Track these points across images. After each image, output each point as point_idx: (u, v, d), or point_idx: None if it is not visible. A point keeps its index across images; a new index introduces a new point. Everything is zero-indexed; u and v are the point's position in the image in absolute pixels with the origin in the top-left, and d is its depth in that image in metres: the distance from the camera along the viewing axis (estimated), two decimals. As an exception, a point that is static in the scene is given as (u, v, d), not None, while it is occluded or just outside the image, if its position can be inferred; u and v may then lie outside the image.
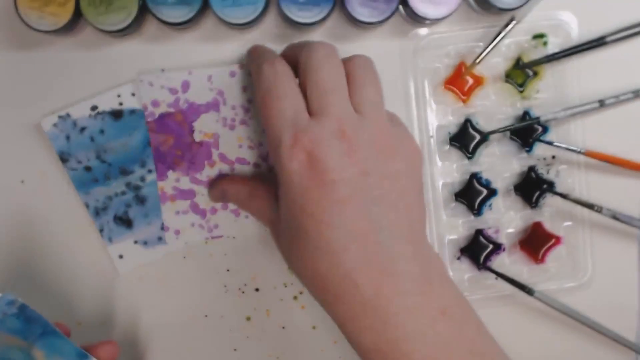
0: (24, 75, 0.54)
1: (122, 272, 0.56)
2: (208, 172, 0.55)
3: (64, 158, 0.54)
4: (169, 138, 0.54)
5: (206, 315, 0.57)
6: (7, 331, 0.42)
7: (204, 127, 0.54)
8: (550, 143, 0.54)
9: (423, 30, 0.55)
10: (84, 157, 0.54)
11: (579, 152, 0.54)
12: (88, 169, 0.54)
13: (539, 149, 0.56)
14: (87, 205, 0.55)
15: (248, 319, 0.57)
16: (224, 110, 0.54)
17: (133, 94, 0.54)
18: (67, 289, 0.56)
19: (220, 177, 0.54)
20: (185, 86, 0.53)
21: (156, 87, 0.53)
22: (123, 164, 0.54)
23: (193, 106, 0.54)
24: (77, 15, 0.51)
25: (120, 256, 0.56)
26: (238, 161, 0.55)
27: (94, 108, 0.54)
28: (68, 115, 0.53)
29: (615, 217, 0.54)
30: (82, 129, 0.54)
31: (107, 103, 0.54)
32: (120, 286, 0.56)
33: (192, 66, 0.54)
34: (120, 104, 0.54)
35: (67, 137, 0.54)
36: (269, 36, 0.55)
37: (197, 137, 0.54)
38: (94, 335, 0.56)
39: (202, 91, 0.54)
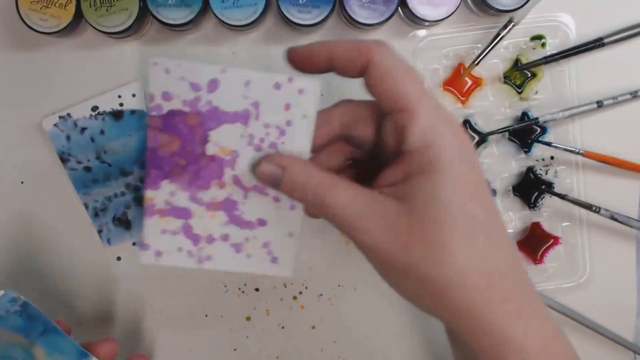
0: (25, 75, 0.55)
1: (119, 274, 0.56)
2: (214, 194, 0.43)
3: (64, 158, 0.54)
4: (174, 141, 0.43)
5: (206, 315, 0.57)
6: (9, 329, 0.42)
7: (222, 139, 0.43)
8: (548, 144, 0.55)
9: (422, 32, 0.56)
10: (84, 158, 0.54)
11: (578, 153, 0.54)
12: (88, 169, 0.55)
13: (538, 150, 0.56)
14: (86, 206, 0.55)
15: (248, 318, 0.57)
16: (254, 126, 0.42)
17: (134, 95, 0.54)
18: (67, 289, 0.56)
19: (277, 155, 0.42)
20: (213, 85, 0.42)
21: (173, 77, 0.41)
22: (123, 165, 0.55)
23: (216, 112, 0.42)
24: (78, 16, 0.51)
25: (118, 258, 0.56)
26: (255, 189, 0.43)
27: (94, 108, 0.54)
28: (69, 115, 0.54)
29: (613, 217, 0.54)
30: (83, 129, 0.54)
31: (108, 104, 0.54)
32: (121, 286, 0.57)
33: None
34: (121, 104, 0.54)
35: (68, 137, 0.54)
36: (269, 38, 0.55)
37: (210, 149, 0.43)
38: (94, 334, 0.55)
39: (234, 97, 0.42)
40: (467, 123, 0.56)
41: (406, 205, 0.36)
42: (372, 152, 0.42)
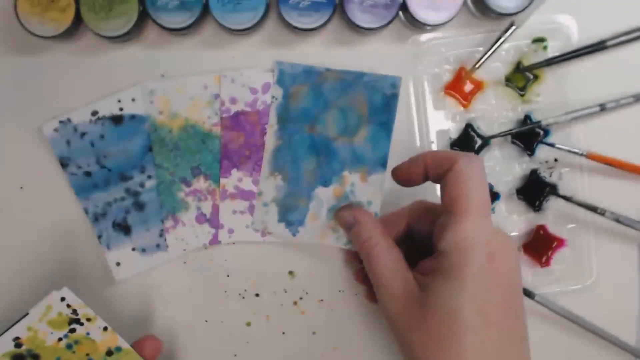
0: (24, 80, 0.55)
1: (119, 279, 0.56)
2: None
3: (64, 163, 0.55)
4: (240, 136, 0.55)
5: (206, 321, 0.57)
6: None
7: None
8: (552, 145, 0.55)
9: (423, 36, 0.56)
10: (84, 163, 0.55)
11: (581, 155, 0.55)
12: (88, 174, 0.55)
13: (541, 153, 0.57)
14: (86, 211, 0.55)
15: (248, 324, 0.57)
16: None
17: (133, 99, 0.55)
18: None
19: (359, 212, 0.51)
20: (266, 87, 0.55)
21: (237, 85, 0.54)
22: (123, 170, 0.55)
23: (269, 109, 0.55)
24: (78, 20, 0.52)
25: (118, 264, 0.56)
26: None
27: (94, 113, 0.54)
28: (69, 120, 0.54)
29: (618, 220, 0.54)
30: (83, 134, 0.54)
31: (108, 108, 0.55)
32: (121, 291, 0.57)
33: (192, 72, 0.55)
34: (121, 109, 0.55)
35: (68, 142, 0.54)
36: (269, 42, 0.55)
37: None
38: None
39: None
40: (469, 127, 0.56)
41: (425, 298, 0.42)
42: (426, 241, 0.47)
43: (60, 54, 0.55)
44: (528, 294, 0.55)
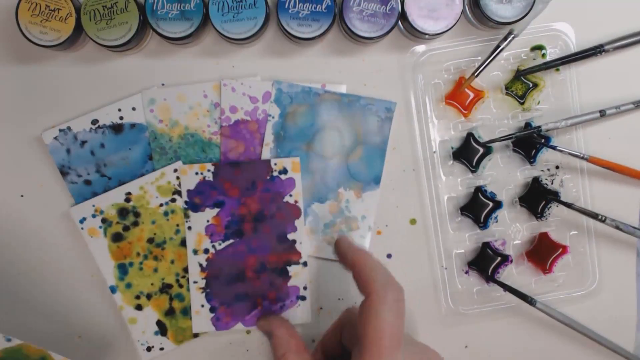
0: (25, 88, 0.56)
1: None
2: None
3: (64, 172, 0.55)
4: (239, 145, 0.55)
5: (206, 329, 0.57)
6: None
7: None
8: (554, 147, 0.55)
9: (422, 46, 0.57)
10: (84, 171, 0.55)
11: (582, 158, 0.55)
12: (88, 182, 0.55)
13: (543, 160, 0.58)
14: (86, 220, 0.56)
15: (248, 332, 0.58)
16: None
17: (134, 108, 0.55)
18: (66, 302, 0.56)
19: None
20: (267, 97, 0.56)
21: (238, 94, 0.56)
22: (123, 178, 0.55)
23: (266, 127, 0.56)
24: (79, 30, 0.52)
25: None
26: None
27: (94, 122, 0.55)
28: (69, 128, 0.55)
29: (618, 227, 0.55)
30: (83, 143, 0.55)
31: (108, 117, 0.55)
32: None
33: (192, 81, 0.56)
34: (121, 118, 0.55)
35: (68, 151, 0.55)
36: (269, 51, 0.56)
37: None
38: (93, 348, 0.56)
39: None
40: (470, 136, 0.56)
41: None
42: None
43: (61, 63, 0.55)
44: (529, 301, 0.55)
